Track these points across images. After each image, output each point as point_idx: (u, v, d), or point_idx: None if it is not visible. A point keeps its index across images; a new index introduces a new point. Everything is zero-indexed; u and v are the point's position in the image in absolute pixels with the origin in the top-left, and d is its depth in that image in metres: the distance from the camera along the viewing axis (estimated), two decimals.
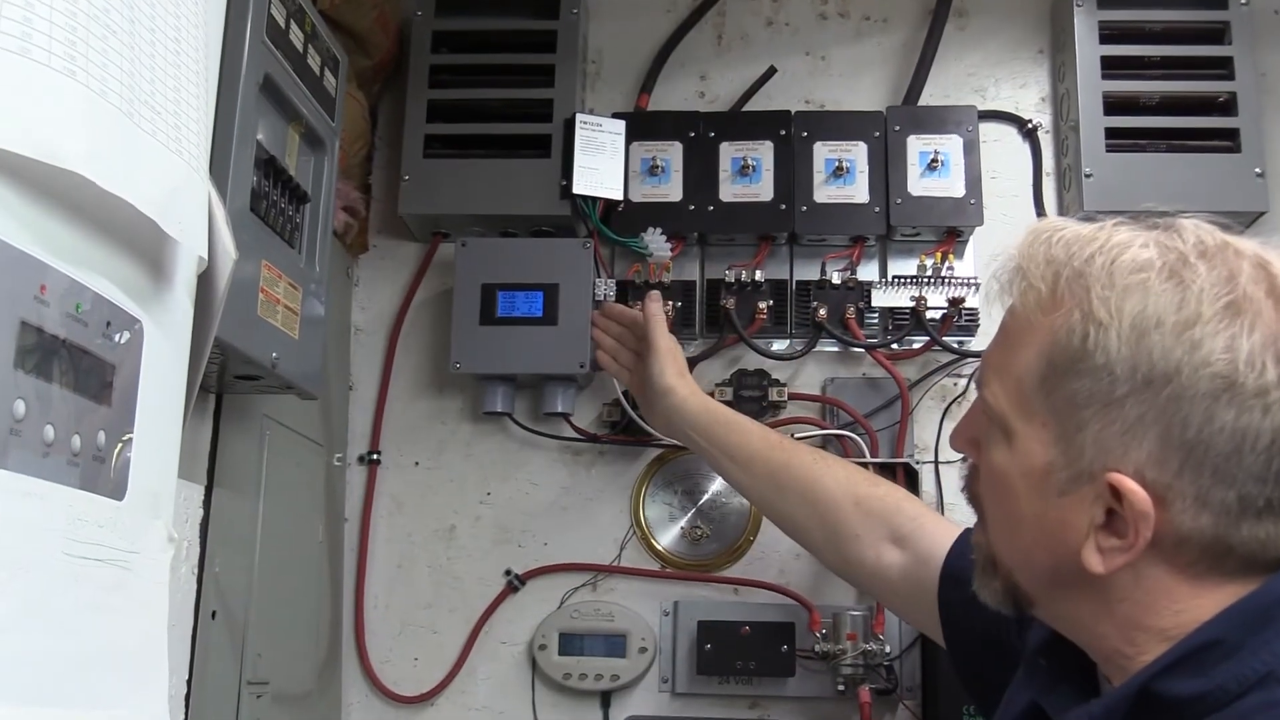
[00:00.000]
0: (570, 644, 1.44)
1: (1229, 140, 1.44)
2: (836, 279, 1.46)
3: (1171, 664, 0.64)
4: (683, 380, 1.23)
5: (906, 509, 1.06)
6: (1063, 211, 1.52)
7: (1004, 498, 0.70)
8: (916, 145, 1.46)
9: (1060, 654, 0.74)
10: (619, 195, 1.47)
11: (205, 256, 0.79)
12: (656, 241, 1.44)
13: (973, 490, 0.76)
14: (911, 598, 1.02)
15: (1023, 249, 0.70)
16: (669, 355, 1.24)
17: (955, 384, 1.49)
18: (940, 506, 1.44)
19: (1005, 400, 0.69)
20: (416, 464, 1.53)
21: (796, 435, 1.43)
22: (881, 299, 1.45)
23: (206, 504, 1.04)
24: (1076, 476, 0.65)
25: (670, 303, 1.45)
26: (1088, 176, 1.44)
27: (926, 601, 0.99)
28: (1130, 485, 0.63)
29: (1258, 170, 1.42)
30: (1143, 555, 0.64)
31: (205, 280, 0.81)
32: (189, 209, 0.75)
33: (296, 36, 1.02)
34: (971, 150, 1.46)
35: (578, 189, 1.44)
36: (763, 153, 1.48)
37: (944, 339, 1.43)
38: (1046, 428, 0.67)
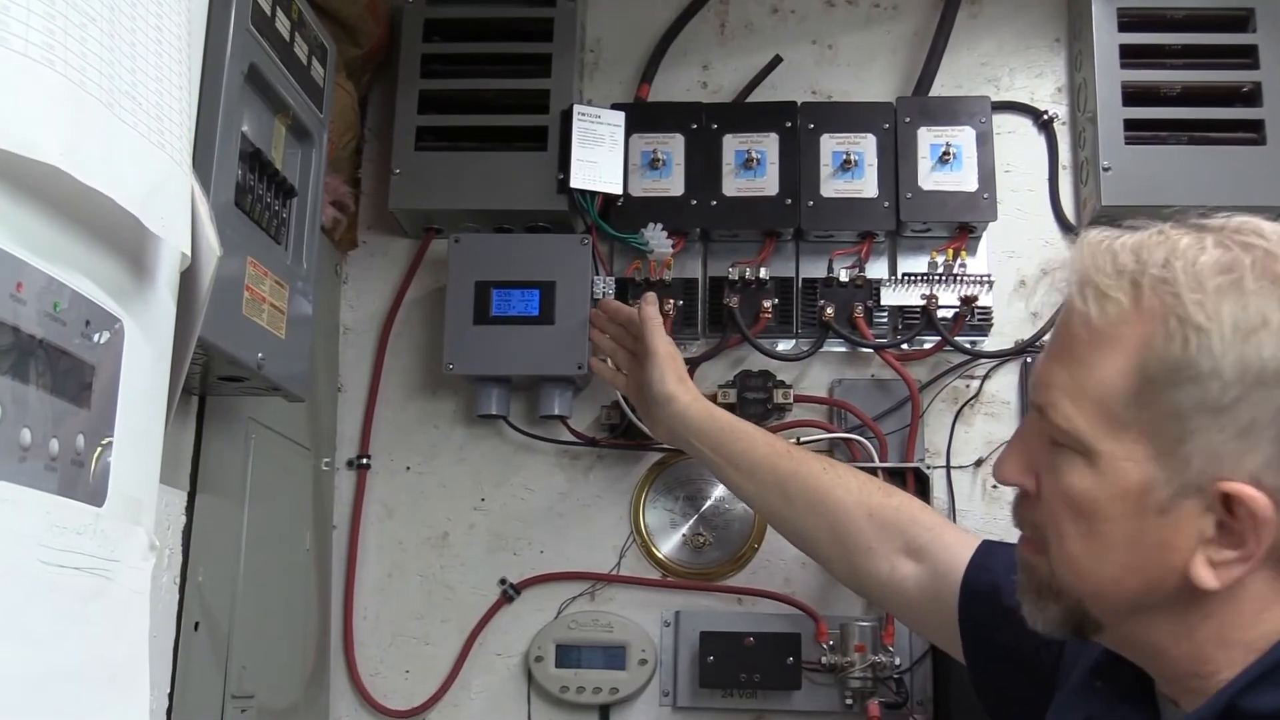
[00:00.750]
0: (567, 656, 1.44)
1: (1253, 132, 1.44)
2: (844, 277, 1.46)
3: (1258, 678, 0.64)
4: (683, 387, 1.21)
5: (922, 519, 1.05)
6: (1080, 207, 1.52)
7: (1085, 524, 0.68)
8: (927, 137, 1.46)
9: (1118, 675, 0.73)
10: (618, 190, 1.47)
11: (188, 253, 0.79)
12: (657, 238, 1.44)
13: (1029, 518, 0.74)
14: (929, 612, 1.02)
15: (1083, 260, 0.68)
16: (668, 361, 1.22)
17: (968, 386, 1.48)
18: (951, 513, 1.44)
19: (1084, 420, 0.67)
20: (408, 469, 1.53)
21: (802, 439, 1.44)
22: (891, 297, 1.45)
23: (189, 510, 1.04)
24: (1181, 491, 0.64)
25: (671, 301, 1.45)
26: (1106, 170, 1.44)
27: (945, 616, 0.98)
28: (1250, 492, 0.62)
29: None
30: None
31: (188, 278, 0.81)
32: (172, 204, 0.75)
33: (283, 24, 1.02)
34: (985, 143, 1.46)
35: (575, 183, 1.44)
36: (767, 145, 1.48)
37: (956, 339, 1.43)
38: (1141, 444, 0.65)
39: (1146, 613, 0.68)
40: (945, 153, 1.44)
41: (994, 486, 1.45)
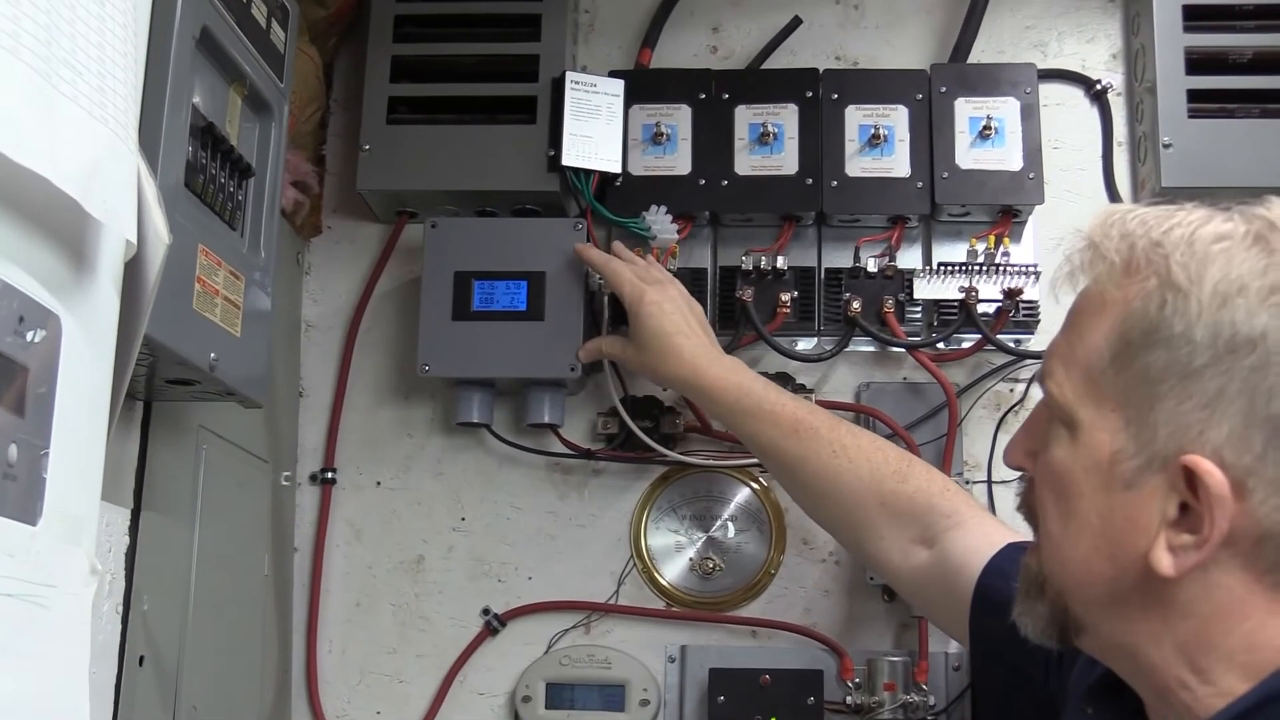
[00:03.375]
0: (559, 696, 1.45)
1: None
2: (872, 266, 1.46)
3: (1251, 708, 0.65)
4: (696, 363, 1.25)
5: (940, 506, 1.11)
6: (1137, 187, 1.52)
7: (1062, 500, 0.73)
8: (966, 110, 1.47)
9: (1111, 702, 0.76)
10: (616, 168, 1.47)
11: (134, 241, 0.79)
12: (660, 222, 1.44)
13: (1029, 504, 0.78)
14: (941, 606, 1.09)
15: (1095, 227, 0.73)
16: (660, 337, 1.27)
17: (1011, 390, 1.49)
18: None
19: (1071, 389, 0.72)
20: (378, 484, 1.53)
21: None
22: (925, 290, 1.46)
23: (133, 530, 1.04)
24: (1148, 463, 0.68)
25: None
26: (1166, 146, 1.44)
27: (956, 615, 1.03)
28: (1206, 466, 0.65)
29: None
30: (1217, 557, 0.66)
31: (133, 269, 0.81)
32: (115, 185, 0.76)
33: None
34: (1030, 116, 1.46)
35: (568, 160, 1.45)
36: (785, 118, 1.48)
37: (998, 337, 1.44)
38: (1116, 412, 0.69)
39: (1121, 608, 0.71)
40: (986, 127, 1.45)
41: None
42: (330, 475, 1.52)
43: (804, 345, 1.51)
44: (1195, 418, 0.66)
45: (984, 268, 1.44)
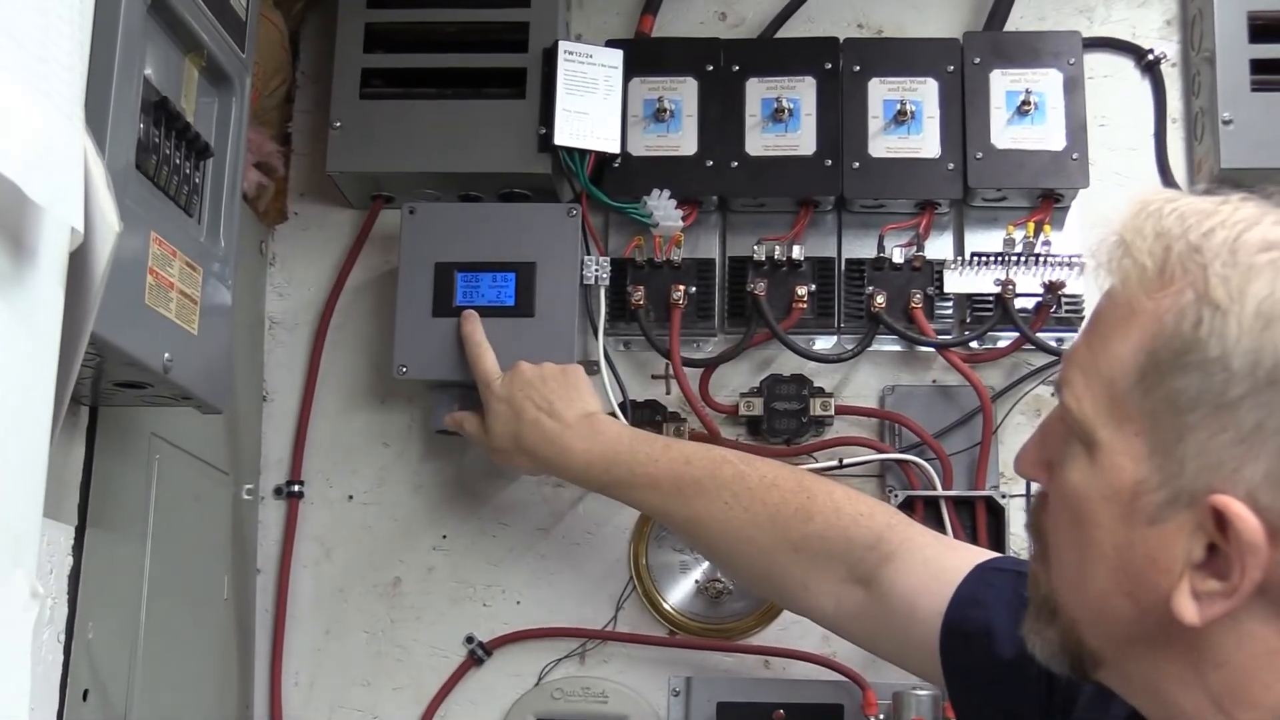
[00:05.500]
0: None
1: None
2: (898, 257, 1.47)
3: None
4: (549, 452, 1.28)
5: (859, 538, 1.10)
6: (1193, 169, 1.52)
7: (1077, 527, 0.72)
8: (1002, 83, 1.47)
9: None
10: (615, 148, 1.47)
11: (80, 229, 0.79)
12: (664, 208, 1.44)
13: (1038, 522, 0.78)
14: (895, 645, 1.07)
15: (1127, 221, 0.72)
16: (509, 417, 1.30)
17: (1053, 394, 1.48)
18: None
19: (1091, 403, 0.71)
20: (350, 498, 1.53)
21: (846, 460, 1.45)
22: (957, 283, 1.46)
23: (77, 550, 1.04)
24: (1173, 498, 0.67)
25: (682, 288, 1.46)
26: (1226, 123, 1.44)
27: (918, 652, 1.02)
28: (1238, 509, 0.64)
29: None
30: (1248, 605, 0.66)
31: (79, 259, 0.81)
32: (59, 167, 0.76)
33: None
34: (1074, 89, 1.46)
35: (560, 139, 1.45)
36: (802, 92, 1.48)
37: (1038, 335, 1.44)
38: (1140, 437, 0.68)
39: (1146, 648, 0.71)
40: (1025, 102, 1.45)
41: None
42: (297, 488, 1.52)
43: (822, 344, 1.51)
44: (1229, 454, 0.65)
45: (1022, 258, 1.44)
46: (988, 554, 1.06)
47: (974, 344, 1.47)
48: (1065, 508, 0.73)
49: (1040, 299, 1.44)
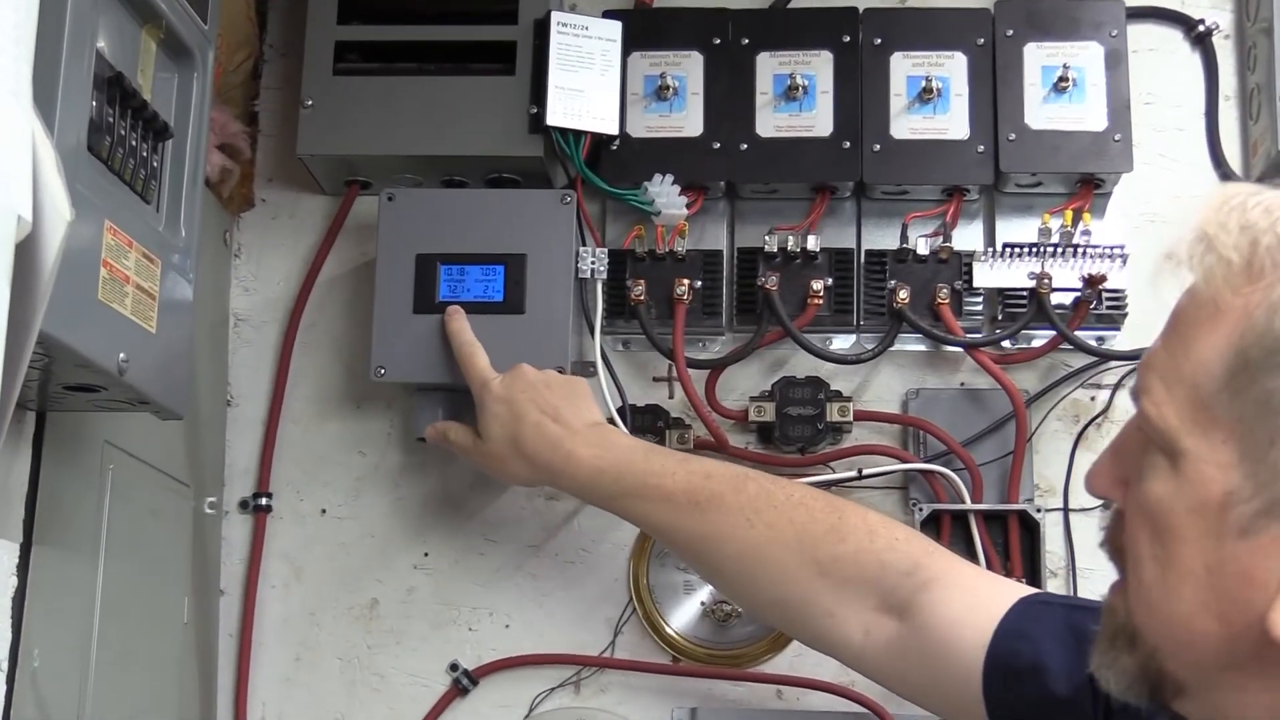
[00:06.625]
0: None
1: None
2: (923, 248, 1.47)
3: None
4: (552, 458, 1.27)
5: (895, 562, 1.09)
6: (1248, 152, 1.52)
7: (1160, 544, 0.72)
8: (1038, 57, 1.47)
9: None
10: (613, 128, 1.47)
11: (27, 217, 0.79)
12: (666, 194, 1.44)
13: (1115, 542, 0.78)
14: (930, 684, 1.06)
15: (1208, 215, 0.72)
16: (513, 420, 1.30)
17: (1093, 398, 1.49)
18: (1070, 570, 1.45)
19: (1173, 410, 0.71)
20: (323, 512, 1.54)
21: (865, 471, 1.44)
22: (987, 277, 1.46)
23: (22, 570, 1.04)
24: (1268, 508, 0.67)
25: (686, 282, 1.46)
26: None
27: (955, 690, 1.01)
28: None
29: None
30: None
31: (26, 251, 0.81)
32: (4, 150, 0.76)
33: None
34: (1117, 64, 1.46)
35: (553, 120, 1.45)
36: (818, 67, 1.49)
37: (1077, 333, 1.44)
38: (1229, 443, 0.68)
39: (1236, 675, 0.70)
40: (1062, 78, 1.45)
41: None
42: (264, 501, 1.52)
43: (840, 344, 1.51)
44: None
45: (1059, 249, 1.44)
46: (1029, 589, 1.06)
47: (1006, 343, 1.47)
48: (1145, 524, 0.73)
49: (1079, 294, 1.44)
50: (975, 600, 1.04)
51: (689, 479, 1.19)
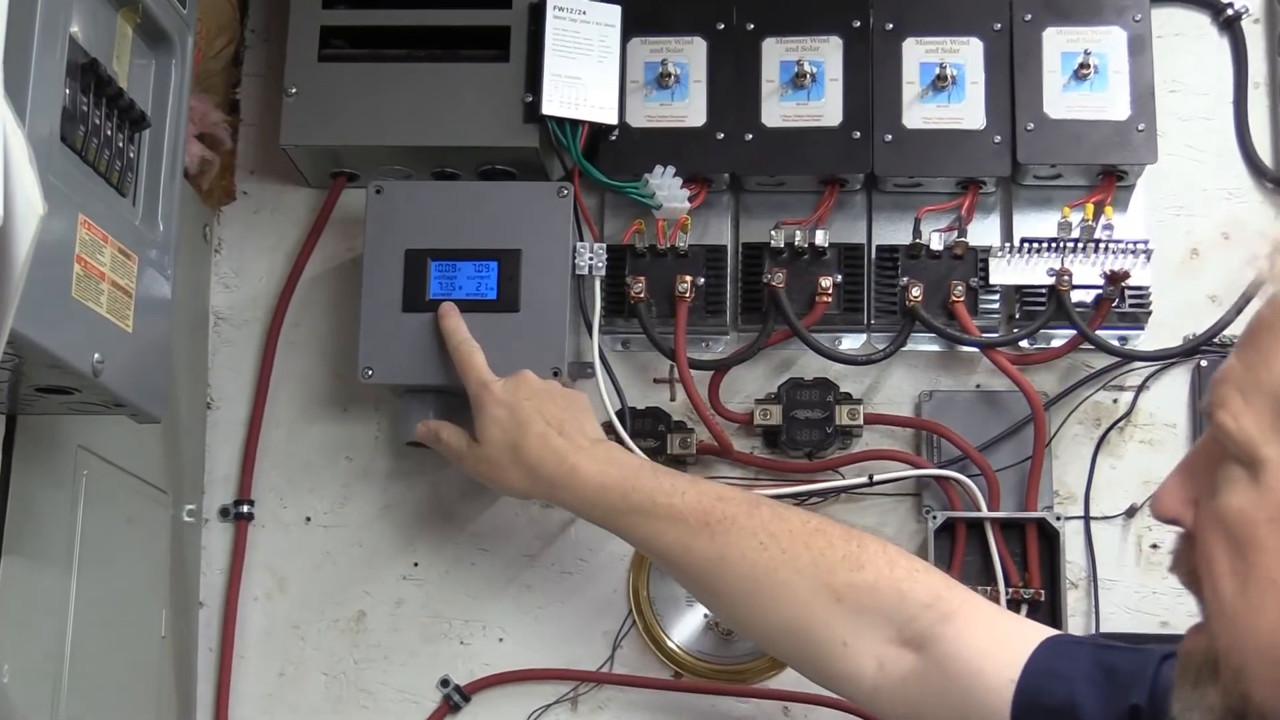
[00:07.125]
0: None
1: None
2: (937, 243, 1.46)
3: None
4: (557, 470, 1.27)
5: (914, 593, 1.09)
6: (1279, 140, 1.52)
7: (1240, 557, 0.72)
8: (1058, 43, 1.46)
9: None
10: (612, 118, 1.47)
11: None
12: (668, 187, 1.44)
13: (1186, 564, 0.78)
14: None
15: None
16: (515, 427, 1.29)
17: (1115, 400, 1.49)
18: (1092, 583, 1.45)
19: (1253, 421, 0.72)
20: (308, 520, 1.53)
21: (876, 477, 1.44)
22: (1004, 273, 1.45)
23: None
24: None
25: (689, 279, 1.46)
26: None
27: None
28: None
29: None
30: None
31: None
32: None
33: None
34: (1141, 50, 1.46)
35: (549, 109, 1.45)
36: (827, 54, 1.48)
37: (1098, 333, 1.44)
38: None
39: None
40: (1083, 65, 1.45)
41: (1153, 547, 1.46)
42: (246, 509, 1.52)
43: (850, 343, 1.51)
44: None
45: (1080, 245, 1.44)
46: (1052, 630, 1.06)
47: (1024, 343, 1.47)
48: (1223, 539, 0.74)
49: (1100, 291, 1.44)
50: (1000, 635, 1.04)
51: (700, 499, 1.19)
